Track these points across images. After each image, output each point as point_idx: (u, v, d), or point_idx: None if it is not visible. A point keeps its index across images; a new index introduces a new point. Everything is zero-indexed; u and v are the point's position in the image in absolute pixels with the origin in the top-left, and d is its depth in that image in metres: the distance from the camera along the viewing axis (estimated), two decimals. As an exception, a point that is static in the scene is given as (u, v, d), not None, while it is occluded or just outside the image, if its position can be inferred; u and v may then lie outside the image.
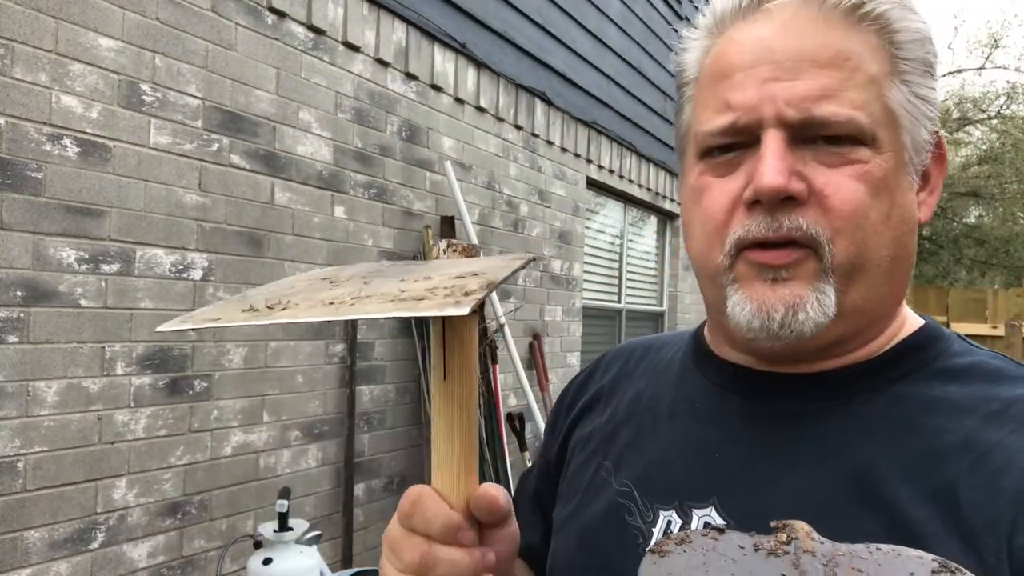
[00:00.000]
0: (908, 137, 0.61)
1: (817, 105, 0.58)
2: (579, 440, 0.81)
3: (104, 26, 2.35)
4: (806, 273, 0.59)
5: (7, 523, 2.12)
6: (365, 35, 3.37)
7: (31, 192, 2.17)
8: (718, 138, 0.62)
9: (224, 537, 2.74)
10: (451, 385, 0.54)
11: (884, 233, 0.60)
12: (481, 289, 0.42)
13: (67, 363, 2.27)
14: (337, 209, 3.24)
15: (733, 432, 0.67)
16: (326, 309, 0.42)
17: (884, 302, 0.63)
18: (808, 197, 0.59)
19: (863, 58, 0.59)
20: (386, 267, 0.57)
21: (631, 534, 0.68)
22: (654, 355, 0.83)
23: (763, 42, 0.61)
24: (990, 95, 18.55)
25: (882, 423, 0.60)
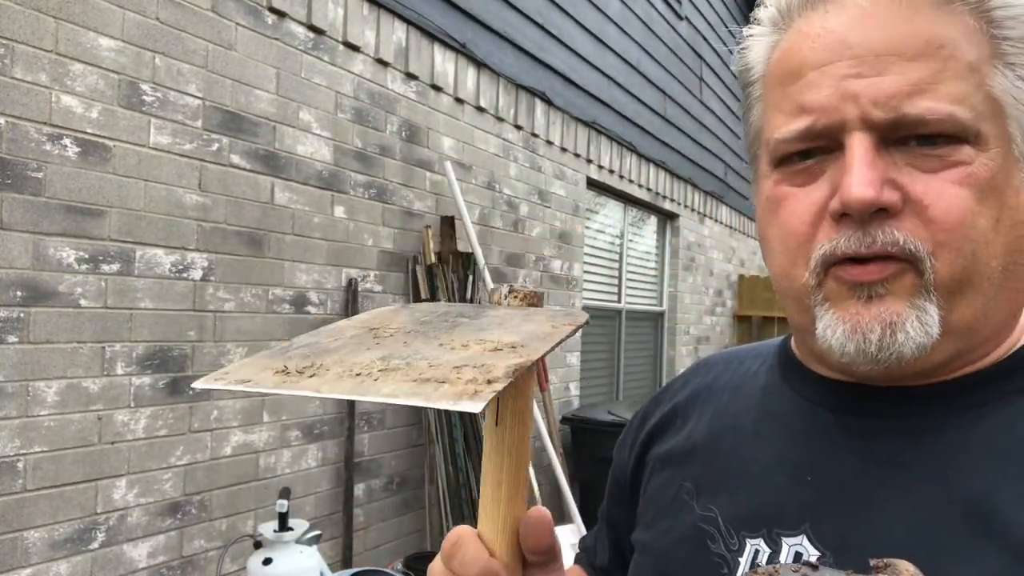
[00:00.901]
0: (1016, 127, 0.53)
1: (909, 101, 0.51)
2: (657, 459, 0.75)
3: (104, 26, 2.35)
4: (903, 289, 0.52)
5: (7, 523, 2.12)
6: (365, 35, 3.37)
7: (31, 192, 2.17)
8: (794, 144, 0.56)
9: (224, 537, 2.74)
10: (503, 431, 0.53)
11: (994, 242, 0.52)
12: (506, 377, 0.41)
13: (67, 363, 2.27)
14: (337, 209, 3.24)
15: (828, 452, 0.60)
16: (351, 383, 0.42)
17: (998, 317, 0.56)
18: (904, 207, 0.52)
19: (958, 44, 0.52)
20: (438, 316, 0.56)
21: (714, 563, 0.62)
22: (735, 368, 0.76)
23: (838, 35, 0.54)
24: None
25: (1004, 441, 0.53)
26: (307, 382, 0.43)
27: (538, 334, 0.49)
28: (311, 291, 3.11)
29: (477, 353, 0.46)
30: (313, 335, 0.52)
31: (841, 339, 0.54)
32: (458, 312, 0.57)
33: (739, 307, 8.75)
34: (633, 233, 6.54)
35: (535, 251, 4.76)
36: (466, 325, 0.53)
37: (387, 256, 3.52)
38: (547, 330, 0.50)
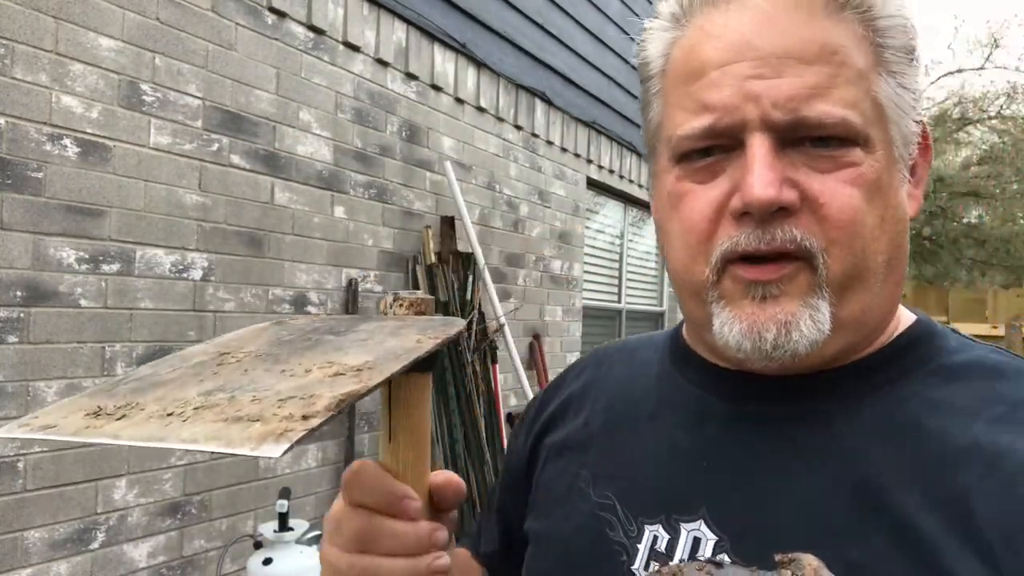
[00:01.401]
0: (897, 131, 0.57)
1: (807, 105, 0.53)
2: (551, 448, 0.76)
3: (104, 26, 2.35)
4: (798, 288, 0.55)
5: (7, 523, 2.12)
6: (365, 35, 3.38)
7: (31, 192, 2.17)
8: (696, 142, 0.57)
9: (224, 537, 2.74)
10: (396, 449, 0.52)
11: (880, 238, 0.56)
12: (326, 411, 0.39)
13: (67, 363, 2.27)
14: (337, 209, 3.24)
15: (721, 438, 0.62)
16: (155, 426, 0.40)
17: (883, 309, 0.59)
18: (801, 205, 0.54)
19: (849, 51, 0.55)
20: (303, 334, 0.54)
21: (613, 550, 0.63)
22: (629, 358, 0.78)
23: (740, 35, 0.55)
24: (990, 95, 18.53)
25: (883, 427, 0.56)
26: (110, 427, 0.41)
27: (396, 351, 0.47)
28: (311, 291, 3.11)
29: (315, 380, 0.44)
30: (156, 364, 0.51)
31: (738, 337, 0.56)
32: (328, 328, 0.55)
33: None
34: (633, 233, 6.54)
35: (535, 251, 4.76)
36: (326, 344, 0.51)
37: (387, 256, 3.52)
38: (409, 345, 0.48)
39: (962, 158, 18.51)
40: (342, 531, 0.51)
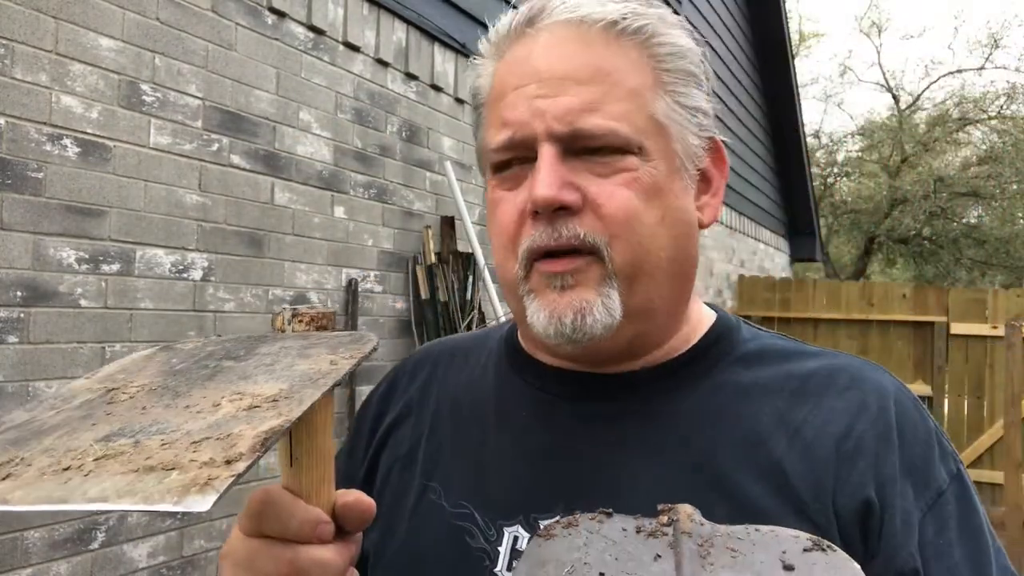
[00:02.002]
0: (678, 144, 0.65)
1: (580, 118, 0.61)
2: (394, 459, 0.75)
3: (104, 26, 2.35)
4: (591, 279, 0.62)
5: (7, 523, 2.12)
6: (365, 35, 3.38)
7: (31, 192, 2.17)
8: (500, 154, 0.66)
9: (224, 537, 2.73)
10: (299, 472, 0.48)
11: (660, 235, 0.64)
12: (252, 452, 0.34)
13: (67, 363, 2.27)
14: (337, 209, 3.24)
15: (567, 436, 0.67)
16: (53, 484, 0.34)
17: (670, 299, 0.67)
18: (583, 206, 0.62)
19: (624, 72, 0.63)
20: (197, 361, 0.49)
21: (476, 557, 0.65)
22: (462, 362, 0.80)
23: (530, 62, 0.64)
24: (990, 95, 18.54)
25: (706, 413, 0.65)
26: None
27: (310, 376, 0.43)
28: (311, 291, 3.11)
29: (227, 415, 0.39)
30: (31, 408, 0.44)
31: (544, 323, 0.63)
32: (225, 352, 0.50)
33: (739, 307, 8.75)
34: (633, 233, 6.53)
35: (535, 251, 4.76)
36: (227, 372, 0.46)
37: (387, 256, 3.53)
38: (324, 368, 0.44)
39: (962, 158, 18.51)
40: (257, 569, 0.48)
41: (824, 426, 0.63)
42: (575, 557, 0.45)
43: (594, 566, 0.44)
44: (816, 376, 0.67)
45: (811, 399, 0.65)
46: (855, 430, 0.63)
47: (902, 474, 0.61)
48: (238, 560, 0.50)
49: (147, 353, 0.53)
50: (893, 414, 0.64)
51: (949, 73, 20.10)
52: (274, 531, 0.48)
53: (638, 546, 0.46)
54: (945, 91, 19.85)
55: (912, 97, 20.04)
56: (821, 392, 0.66)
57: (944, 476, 0.63)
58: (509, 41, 0.68)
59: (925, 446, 0.64)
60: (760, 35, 9.74)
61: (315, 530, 0.48)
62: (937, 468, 0.63)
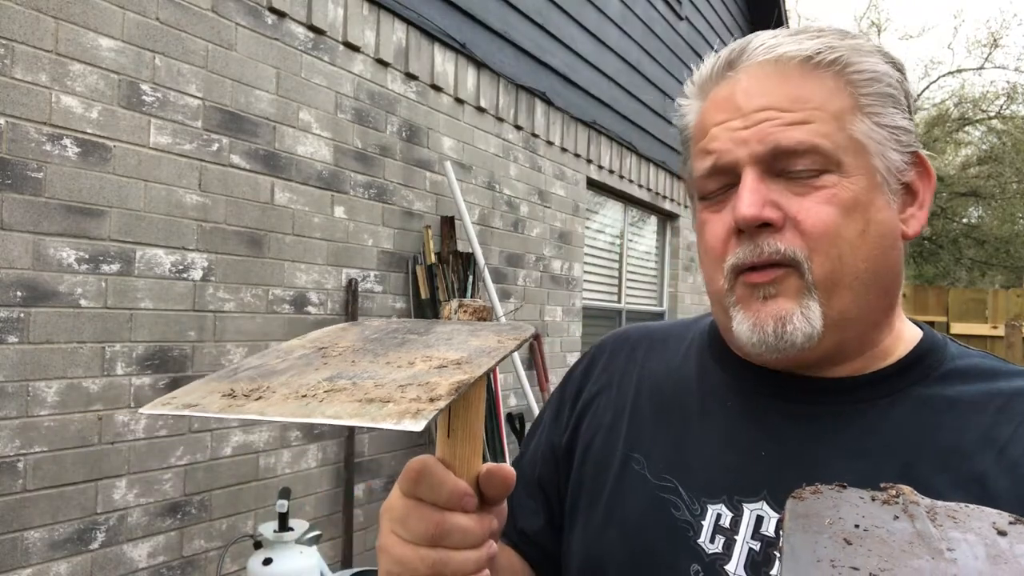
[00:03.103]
0: (879, 161, 0.68)
1: (783, 134, 0.66)
2: (597, 427, 0.83)
3: (104, 26, 2.35)
4: (790, 290, 0.67)
5: (7, 523, 2.12)
6: (365, 35, 3.38)
7: (31, 192, 2.17)
8: (707, 181, 0.71)
9: (224, 537, 2.74)
10: (454, 444, 0.55)
11: (860, 248, 0.67)
12: (448, 395, 0.43)
13: (67, 363, 2.27)
14: (337, 209, 3.24)
15: (774, 431, 0.71)
16: (296, 405, 0.43)
17: (871, 310, 0.69)
18: (784, 223, 0.66)
19: (821, 99, 0.67)
20: (387, 334, 0.58)
21: (681, 527, 0.71)
22: (660, 348, 0.86)
23: (732, 101, 0.70)
24: (990, 95, 18.54)
25: (911, 423, 0.67)
26: (253, 405, 0.44)
27: (484, 349, 0.52)
28: (311, 291, 3.11)
29: (423, 371, 0.48)
30: (261, 356, 0.54)
31: (748, 331, 0.68)
32: (407, 329, 0.60)
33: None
34: (633, 233, 6.54)
35: (535, 251, 4.76)
36: (414, 342, 0.55)
37: (387, 256, 3.52)
38: (493, 344, 0.53)
39: (962, 158, 18.50)
40: (409, 526, 0.55)
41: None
42: (830, 513, 0.52)
43: (848, 520, 0.51)
44: (1022, 394, 0.68)
45: (1018, 416, 0.66)
46: None
47: None
48: (394, 516, 0.57)
49: (342, 326, 0.63)
50: None
51: (949, 73, 20.10)
52: (426, 496, 0.55)
53: (877, 509, 0.52)
54: (945, 91, 19.84)
55: (912, 97, 19.99)
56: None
57: None
58: (712, 83, 0.74)
59: None
60: (760, 35, 9.72)
61: (461, 500, 0.54)
62: None
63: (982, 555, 0.47)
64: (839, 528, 0.50)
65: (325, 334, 0.59)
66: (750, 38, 0.73)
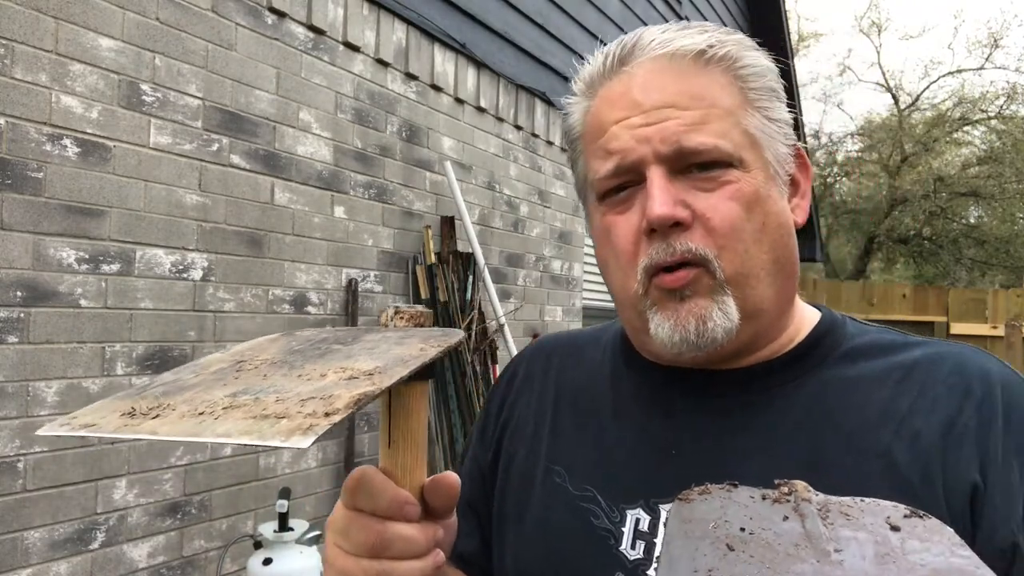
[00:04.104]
0: (769, 154, 0.71)
1: (686, 137, 0.67)
2: (518, 439, 0.83)
3: (104, 26, 2.35)
4: (704, 288, 0.67)
5: (7, 523, 2.12)
6: (365, 35, 3.38)
7: (31, 192, 2.17)
8: (610, 180, 0.71)
9: (224, 537, 2.74)
10: (395, 454, 0.55)
11: (763, 240, 0.69)
12: (346, 408, 0.43)
13: (67, 363, 2.27)
14: (337, 209, 3.24)
15: (685, 428, 0.72)
16: (190, 423, 0.43)
17: (777, 298, 0.71)
18: (693, 221, 0.67)
19: (717, 95, 0.69)
20: (312, 344, 0.58)
21: (601, 536, 0.71)
22: (576, 354, 0.87)
23: (630, 97, 0.70)
24: (990, 95, 18.54)
25: (815, 405, 0.69)
26: (148, 424, 0.44)
27: (403, 358, 0.51)
28: (311, 291, 3.11)
29: (331, 383, 0.48)
30: (179, 371, 0.54)
31: (669, 333, 0.68)
32: (336, 338, 0.59)
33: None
34: (633, 233, 6.54)
35: (535, 251, 4.76)
36: (336, 353, 0.55)
37: (387, 256, 3.52)
38: (414, 353, 0.53)
39: (962, 158, 18.50)
40: (350, 537, 0.55)
41: (930, 414, 0.66)
42: (716, 516, 0.51)
43: (733, 522, 0.50)
44: (920, 365, 0.70)
45: (916, 387, 0.68)
46: (961, 415, 0.65)
47: (1008, 456, 0.63)
48: (336, 528, 0.56)
49: (273, 336, 0.63)
50: (999, 397, 0.66)
51: (949, 73, 20.10)
52: (366, 507, 0.54)
53: (767, 509, 0.52)
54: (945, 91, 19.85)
55: (912, 97, 20.03)
56: (925, 380, 0.69)
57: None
58: (603, 80, 0.74)
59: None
60: (760, 35, 9.72)
61: (402, 509, 0.54)
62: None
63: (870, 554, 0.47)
64: (723, 532, 0.49)
65: (249, 347, 0.59)
66: (639, 33, 0.73)
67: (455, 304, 3.67)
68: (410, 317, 0.62)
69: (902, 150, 17.81)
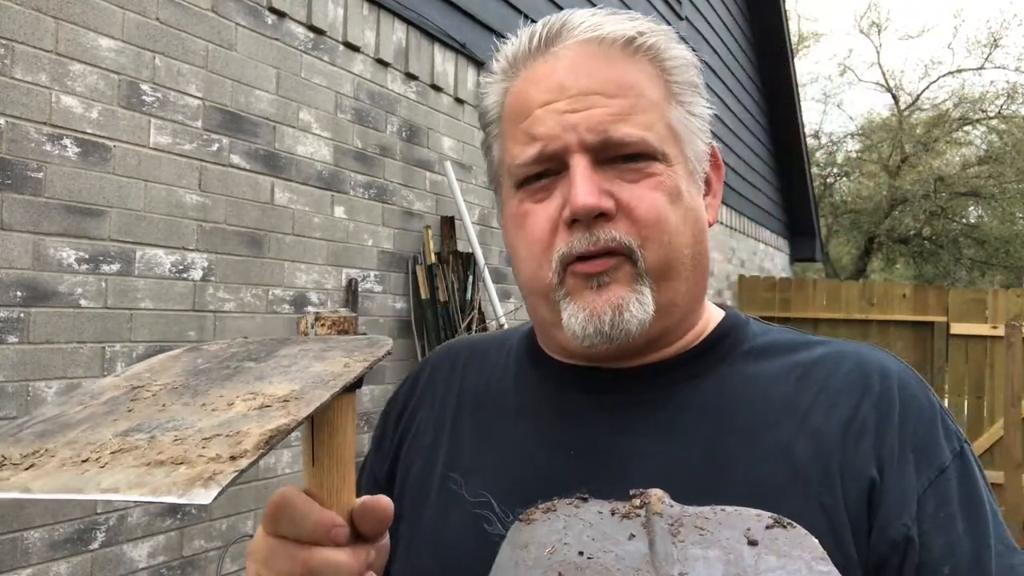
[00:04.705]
0: (690, 150, 0.70)
1: (613, 127, 0.65)
2: (417, 450, 0.80)
3: (104, 26, 2.35)
4: (624, 277, 0.66)
5: (7, 523, 2.12)
6: (365, 35, 3.38)
7: (31, 192, 2.17)
8: (530, 167, 0.68)
9: (224, 537, 2.74)
10: (320, 474, 0.49)
11: (684, 234, 0.68)
12: (256, 450, 0.36)
13: (67, 363, 2.27)
14: (337, 209, 3.24)
15: (581, 425, 0.71)
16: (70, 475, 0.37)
17: (691, 295, 0.71)
18: (617, 211, 0.66)
19: (644, 85, 0.68)
20: (220, 362, 0.52)
21: (493, 542, 0.66)
22: (480, 358, 0.84)
23: (556, 80, 0.67)
24: (990, 95, 18.55)
25: (715, 401, 0.69)
26: (19, 478, 0.37)
27: (323, 377, 0.45)
28: (311, 291, 3.11)
29: (239, 414, 0.41)
30: (62, 403, 0.47)
31: (582, 323, 0.66)
32: (246, 354, 0.53)
33: (739, 307, 8.75)
34: (633, 233, 6.53)
35: (535, 251, 4.76)
36: (246, 372, 0.48)
37: (387, 256, 3.53)
38: (337, 370, 0.46)
39: (962, 158, 18.50)
40: (274, 567, 0.50)
41: (830, 410, 0.66)
42: (555, 539, 0.47)
43: (573, 545, 0.47)
44: (821, 363, 0.70)
45: (816, 384, 0.68)
46: (860, 412, 0.66)
47: (903, 451, 0.64)
48: (257, 558, 0.52)
49: (175, 353, 0.55)
50: (896, 394, 0.67)
51: (949, 73, 20.10)
52: (289, 532, 0.49)
53: (614, 527, 0.49)
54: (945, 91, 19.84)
55: (912, 97, 20.03)
56: (826, 377, 0.69)
57: (947, 454, 0.65)
58: (526, 60, 0.71)
59: (929, 424, 0.66)
60: (760, 35, 9.74)
61: (329, 533, 0.49)
62: (940, 446, 0.65)
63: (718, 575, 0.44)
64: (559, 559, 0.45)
65: (148, 367, 0.52)
66: (566, 15, 0.70)
67: (455, 304, 3.67)
68: (332, 324, 0.55)
69: (902, 150, 17.82)
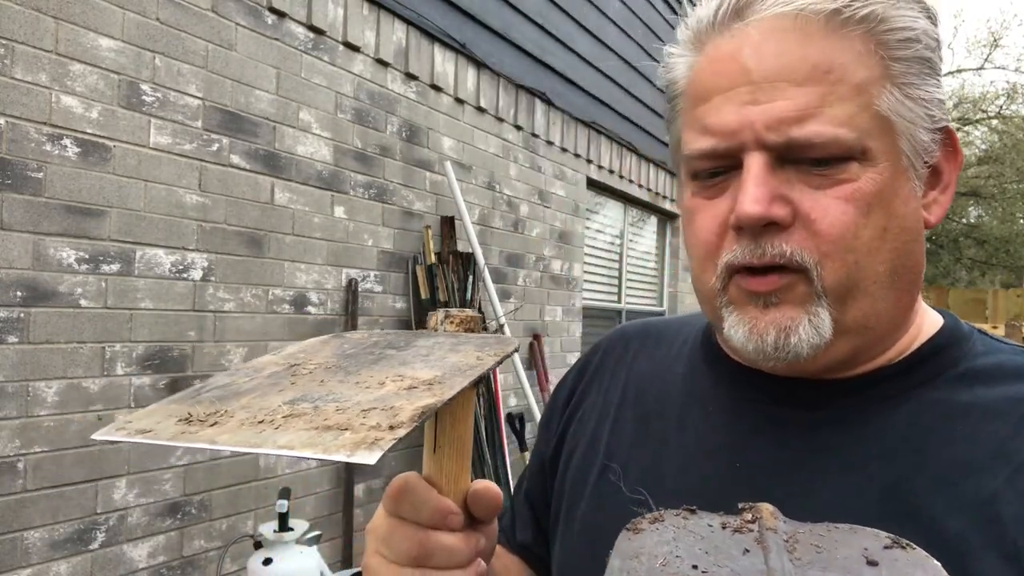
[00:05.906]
0: (905, 142, 0.58)
1: (798, 126, 0.56)
2: (581, 435, 0.78)
3: (104, 26, 2.35)
4: (797, 297, 0.58)
5: (7, 523, 2.12)
6: (365, 35, 3.38)
7: (31, 192, 2.17)
8: (702, 162, 0.61)
9: (224, 537, 2.74)
10: (440, 460, 0.53)
11: (880, 249, 0.58)
12: (411, 421, 0.41)
13: (67, 363, 2.27)
14: (337, 209, 3.24)
15: (753, 440, 0.64)
16: (250, 432, 0.41)
17: (890, 314, 0.61)
18: (793, 221, 0.57)
19: (848, 67, 0.56)
20: (365, 348, 0.56)
21: None
22: (653, 346, 0.79)
23: (739, 62, 0.58)
24: (990, 95, 18.55)
25: (912, 431, 0.58)
26: (206, 432, 0.42)
27: (460, 367, 0.50)
28: (311, 291, 3.11)
29: (391, 392, 0.46)
30: (230, 374, 0.52)
31: (742, 339, 0.60)
32: (387, 343, 0.58)
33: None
34: (633, 233, 6.54)
35: (535, 251, 4.76)
36: (390, 358, 0.53)
37: (387, 256, 3.52)
38: (471, 362, 0.51)
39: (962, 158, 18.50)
40: (392, 545, 0.53)
41: None
42: (666, 551, 0.46)
43: (686, 559, 0.45)
44: None
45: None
46: None
47: None
48: (378, 536, 0.54)
49: (323, 339, 0.60)
50: None
51: (949, 73, 20.09)
52: (409, 515, 0.52)
53: (726, 540, 0.46)
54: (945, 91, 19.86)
55: (912, 97, 20.01)
56: None
57: None
58: (713, 34, 0.61)
59: None
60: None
61: (445, 519, 0.52)
62: None
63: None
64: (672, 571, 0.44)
65: (301, 349, 0.57)
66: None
67: (455, 304, 3.67)
68: (460, 321, 0.59)
69: (902, 150, 17.81)
